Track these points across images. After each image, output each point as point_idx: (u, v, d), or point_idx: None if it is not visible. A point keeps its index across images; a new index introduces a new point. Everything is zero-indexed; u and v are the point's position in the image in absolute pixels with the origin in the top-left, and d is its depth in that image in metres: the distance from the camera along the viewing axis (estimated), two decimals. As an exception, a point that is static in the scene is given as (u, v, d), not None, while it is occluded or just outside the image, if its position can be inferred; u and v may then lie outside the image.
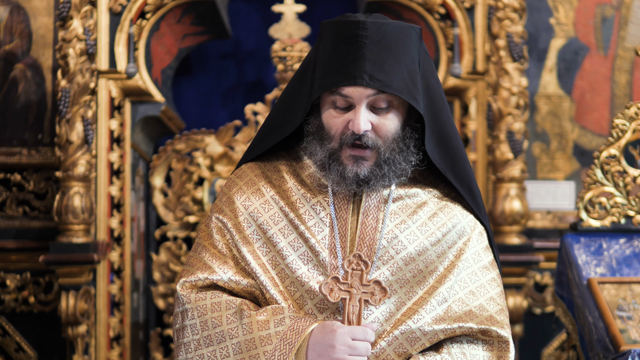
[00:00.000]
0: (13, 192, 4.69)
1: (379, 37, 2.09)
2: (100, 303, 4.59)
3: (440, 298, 2.09)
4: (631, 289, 3.36)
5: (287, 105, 2.22)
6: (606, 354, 3.15)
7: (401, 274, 2.10)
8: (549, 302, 4.76)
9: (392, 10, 4.78)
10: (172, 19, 4.84)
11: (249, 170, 2.23)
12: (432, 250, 2.13)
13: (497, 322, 2.11)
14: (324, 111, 2.13)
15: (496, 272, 2.19)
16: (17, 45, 4.71)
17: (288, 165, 2.21)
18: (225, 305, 2.08)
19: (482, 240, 2.20)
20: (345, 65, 2.07)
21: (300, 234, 2.12)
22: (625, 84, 4.88)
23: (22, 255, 4.63)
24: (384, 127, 2.10)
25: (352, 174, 2.10)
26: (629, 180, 3.60)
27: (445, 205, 2.19)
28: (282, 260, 2.11)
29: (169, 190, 5.04)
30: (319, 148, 2.13)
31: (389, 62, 2.08)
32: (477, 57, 4.70)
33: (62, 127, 4.45)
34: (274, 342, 2.01)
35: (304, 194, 2.16)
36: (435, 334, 2.06)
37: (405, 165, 2.14)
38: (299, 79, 2.21)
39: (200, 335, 2.07)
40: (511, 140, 4.54)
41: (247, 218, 2.15)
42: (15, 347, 4.63)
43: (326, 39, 2.14)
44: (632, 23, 4.88)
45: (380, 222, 2.14)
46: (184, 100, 5.42)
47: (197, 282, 2.13)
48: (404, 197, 2.17)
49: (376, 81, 2.05)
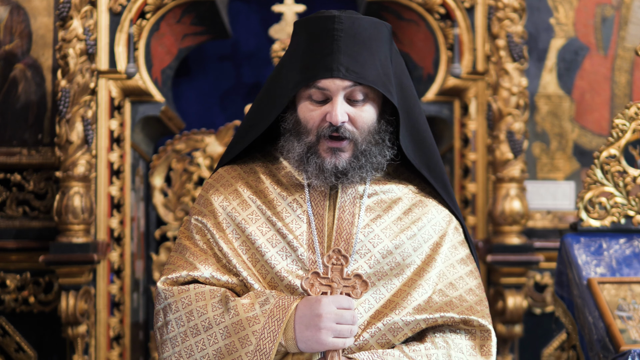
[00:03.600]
0: (13, 192, 4.69)
1: (354, 32, 2.12)
2: (100, 303, 4.59)
3: (420, 290, 2.12)
4: (631, 289, 3.36)
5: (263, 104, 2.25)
6: (606, 354, 3.15)
7: (379, 266, 2.13)
8: (549, 302, 4.76)
9: (392, 10, 4.77)
10: (172, 19, 4.84)
11: (225, 173, 2.27)
12: (409, 243, 2.16)
13: (478, 312, 2.14)
14: (301, 106, 2.16)
15: (473, 265, 2.23)
16: (17, 45, 4.71)
17: (264, 167, 2.25)
18: (209, 294, 2.09)
19: (457, 234, 2.24)
20: (321, 59, 2.11)
21: (278, 230, 2.15)
22: (625, 84, 4.88)
23: (22, 255, 4.63)
24: (361, 119, 2.13)
25: (331, 165, 2.13)
26: (629, 180, 3.60)
27: (420, 201, 2.23)
28: (261, 257, 2.13)
29: (169, 190, 5.04)
30: (297, 143, 2.16)
31: (364, 55, 2.12)
32: (477, 57, 4.70)
33: (62, 127, 4.45)
34: (261, 320, 2.03)
35: (280, 192, 2.19)
36: (417, 323, 2.09)
37: (381, 158, 2.17)
38: (274, 79, 2.25)
39: (186, 326, 2.07)
40: (511, 140, 4.54)
41: (226, 218, 2.18)
42: (15, 347, 4.63)
43: (300, 36, 2.19)
44: (632, 23, 4.88)
45: (356, 216, 2.17)
46: (184, 100, 5.42)
47: (178, 279, 2.14)
48: (379, 193, 2.21)
49: (352, 73, 2.09)
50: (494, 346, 2.14)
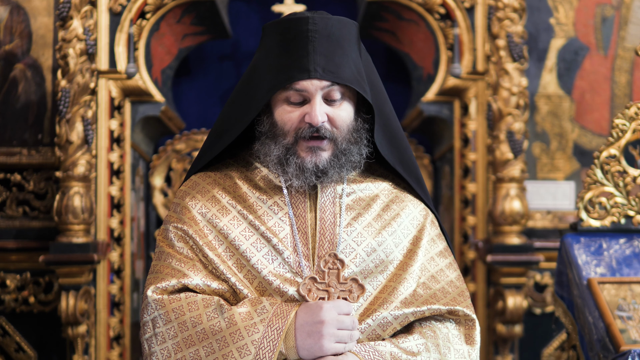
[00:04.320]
0: (13, 192, 4.69)
1: (328, 32, 2.13)
2: (100, 303, 4.59)
3: (406, 284, 2.13)
4: (631, 289, 3.36)
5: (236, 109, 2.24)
6: (606, 354, 3.15)
7: (364, 265, 2.14)
8: (549, 302, 4.76)
9: (392, 10, 4.77)
10: (172, 19, 4.84)
11: (199, 180, 2.24)
12: (390, 240, 2.17)
13: (461, 303, 2.16)
14: (277, 108, 2.15)
15: (452, 257, 2.25)
16: (17, 45, 4.71)
17: (239, 172, 2.23)
18: (202, 303, 2.06)
19: (434, 228, 2.26)
20: (297, 60, 2.11)
21: (262, 234, 2.13)
22: (625, 84, 4.88)
23: (22, 255, 4.63)
24: (339, 118, 2.14)
25: (312, 164, 2.12)
26: (629, 180, 3.60)
27: (397, 197, 2.24)
28: (247, 262, 2.11)
29: (169, 190, 5.04)
30: (274, 146, 2.15)
31: (338, 54, 2.12)
32: (477, 57, 4.70)
33: (62, 127, 4.45)
34: (260, 329, 2.00)
35: (259, 196, 2.18)
36: (405, 316, 2.10)
37: (358, 157, 2.18)
38: (246, 83, 2.24)
39: (179, 337, 2.03)
40: (511, 140, 4.54)
41: (207, 225, 2.15)
42: (15, 347, 4.63)
43: (272, 39, 2.20)
44: (632, 23, 4.88)
45: (337, 216, 2.17)
46: (184, 100, 5.42)
47: (167, 287, 2.09)
48: (357, 191, 2.22)
49: (329, 73, 2.10)
50: (478, 334, 2.17)
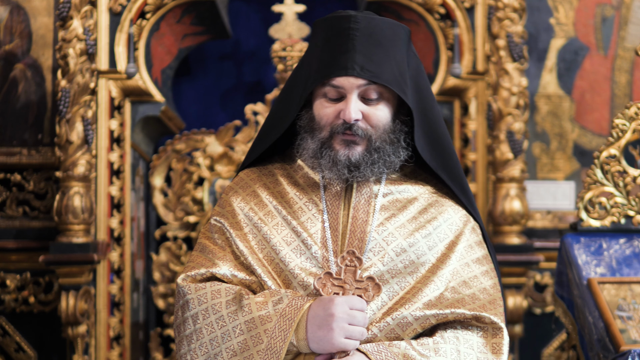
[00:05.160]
0: (13, 192, 4.69)
1: (370, 31, 2.15)
2: (100, 303, 4.59)
3: (432, 286, 2.12)
4: (631, 289, 3.36)
5: (283, 104, 2.28)
6: (606, 354, 3.15)
7: (392, 264, 2.14)
8: (549, 302, 4.76)
9: (392, 10, 4.77)
10: (172, 19, 4.84)
11: (244, 176, 2.31)
12: (423, 242, 2.17)
13: (490, 310, 2.14)
14: (316, 103, 2.19)
15: (490, 266, 2.23)
16: (17, 45, 4.71)
17: (282, 169, 2.29)
18: (224, 292, 2.12)
19: (474, 235, 2.24)
20: (337, 57, 2.13)
21: (293, 229, 2.17)
22: (625, 84, 4.88)
23: (22, 255, 4.63)
24: (375, 117, 2.15)
25: (344, 157, 2.15)
26: (629, 180, 3.60)
27: (436, 201, 2.23)
28: (276, 255, 2.15)
29: (169, 190, 5.04)
30: (311, 140, 2.19)
31: (379, 54, 2.14)
32: (477, 57, 4.70)
33: (62, 127, 4.45)
34: (273, 319, 2.04)
35: (296, 192, 2.23)
36: (426, 318, 2.09)
37: (394, 158, 2.19)
38: (293, 78, 2.28)
39: (202, 324, 2.10)
40: (511, 140, 4.54)
41: (244, 218, 2.22)
42: (15, 347, 4.63)
43: (319, 36, 2.22)
44: (632, 23, 4.88)
45: (370, 215, 2.19)
46: (184, 100, 5.42)
47: (196, 276, 2.17)
48: (394, 193, 2.22)
49: (367, 72, 2.11)
50: (505, 344, 2.13)
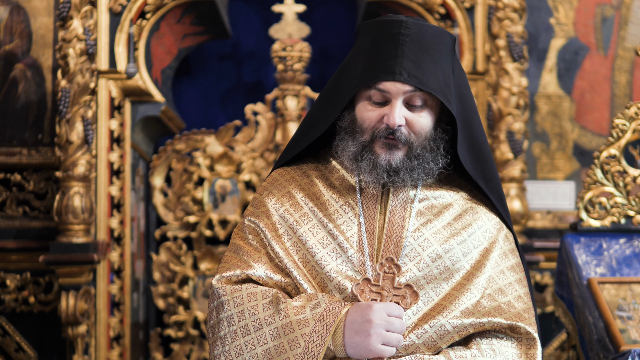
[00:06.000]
0: (13, 192, 4.69)
1: (419, 38, 2.15)
2: (100, 303, 4.59)
3: (469, 294, 2.11)
4: (631, 289, 3.36)
5: (324, 104, 2.27)
6: (606, 354, 3.15)
7: (428, 270, 2.14)
8: (549, 302, 4.75)
9: (392, 10, 4.77)
10: (172, 19, 4.84)
11: (279, 176, 2.30)
12: (458, 248, 2.16)
13: (525, 319, 2.13)
14: (359, 106, 2.18)
15: (523, 274, 2.23)
16: (17, 45, 4.71)
17: (317, 170, 2.28)
18: (261, 294, 2.11)
19: (508, 242, 2.24)
20: (385, 61, 2.13)
21: (329, 232, 2.17)
22: (625, 84, 4.88)
23: (22, 255, 4.63)
24: (418, 124, 2.15)
25: (385, 161, 2.14)
26: (629, 180, 3.60)
27: (471, 208, 2.24)
28: (311, 258, 2.15)
29: (169, 190, 5.04)
30: (351, 142, 2.18)
31: (427, 62, 2.14)
32: (477, 57, 4.70)
33: (62, 127, 4.45)
34: (311, 324, 2.04)
35: (332, 195, 2.22)
36: (464, 327, 2.08)
37: (433, 165, 2.18)
38: (336, 79, 2.27)
39: (237, 325, 2.10)
40: (511, 140, 4.54)
41: (279, 219, 2.21)
42: (15, 347, 4.63)
43: (365, 38, 2.20)
44: (632, 23, 4.88)
45: (406, 220, 2.19)
46: (184, 100, 5.42)
47: (231, 277, 2.17)
48: (430, 198, 2.22)
49: (414, 78, 2.11)
50: (539, 355, 2.13)
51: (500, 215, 2.25)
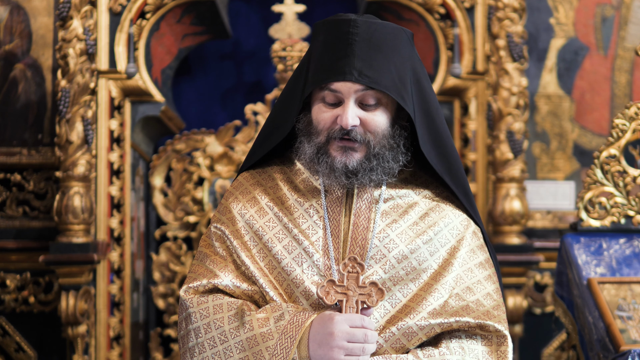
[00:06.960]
0: (13, 192, 4.69)
1: (369, 36, 2.12)
2: (100, 303, 4.59)
3: (436, 294, 2.10)
4: (631, 289, 3.36)
5: (283, 106, 2.26)
6: (606, 354, 3.15)
7: (394, 271, 2.12)
8: (549, 302, 4.76)
9: (392, 10, 4.77)
10: (172, 19, 4.84)
11: (244, 181, 2.27)
12: (425, 248, 2.15)
13: (494, 317, 2.12)
14: (314, 107, 2.16)
15: (492, 270, 2.22)
16: (17, 45, 4.71)
17: (282, 173, 2.25)
18: (226, 306, 2.10)
19: (476, 238, 2.22)
20: (335, 62, 2.11)
21: (294, 237, 2.15)
22: (625, 84, 4.88)
23: (22, 255, 4.63)
24: (373, 123, 2.13)
25: (341, 164, 2.13)
26: (629, 180, 3.60)
27: (437, 205, 2.21)
28: (277, 264, 2.14)
29: (169, 190, 5.04)
30: (307, 144, 2.16)
31: (379, 60, 2.11)
32: (477, 57, 4.70)
33: (62, 127, 4.45)
34: (275, 337, 2.03)
35: (297, 198, 2.20)
36: (431, 327, 2.07)
37: (393, 164, 2.16)
38: (293, 81, 2.25)
39: (204, 338, 2.09)
40: (511, 140, 4.54)
41: (244, 225, 2.19)
42: (15, 347, 4.63)
43: (318, 39, 2.19)
44: (632, 23, 4.88)
45: (371, 222, 2.17)
46: (184, 100, 5.42)
47: (199, 287, 2.16)
48: (395, 198, 2.20)
49: (365, 77, 2.09)
50: (510, 352, 2.12)
51: (468, 212, 2.23)
